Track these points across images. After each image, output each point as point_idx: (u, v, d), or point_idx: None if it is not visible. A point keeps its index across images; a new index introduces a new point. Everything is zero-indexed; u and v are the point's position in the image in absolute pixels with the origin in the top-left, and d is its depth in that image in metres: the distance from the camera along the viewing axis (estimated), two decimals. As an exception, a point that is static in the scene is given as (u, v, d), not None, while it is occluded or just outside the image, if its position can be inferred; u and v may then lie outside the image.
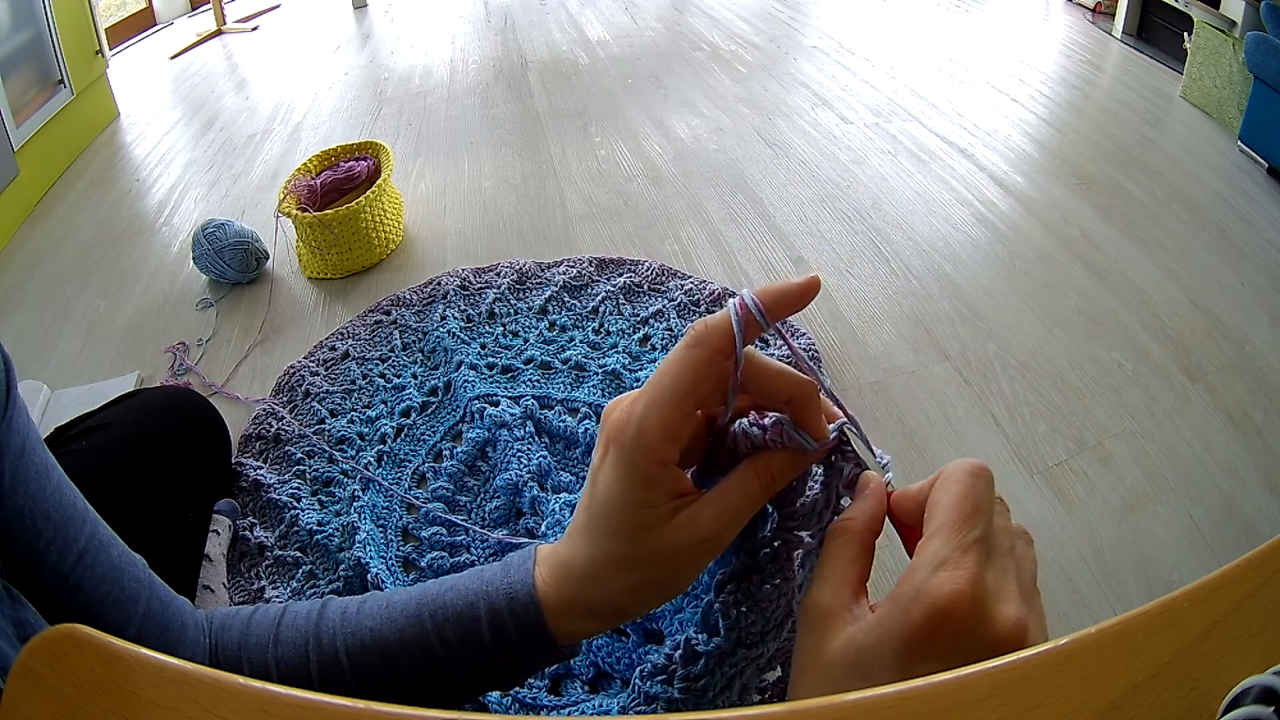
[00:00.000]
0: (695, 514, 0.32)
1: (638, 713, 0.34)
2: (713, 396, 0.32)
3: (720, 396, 0.32)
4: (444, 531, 1.03)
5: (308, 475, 1.12)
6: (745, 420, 0.33)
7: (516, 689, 0.85)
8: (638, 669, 0.35)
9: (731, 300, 0.30)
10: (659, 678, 0.33)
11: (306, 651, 0.38)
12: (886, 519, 0.31)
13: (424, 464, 1.13)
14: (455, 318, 1.39)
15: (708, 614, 0.33)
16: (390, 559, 1.00)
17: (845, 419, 0.33)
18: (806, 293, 0.31)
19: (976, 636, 0.24)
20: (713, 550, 0.33)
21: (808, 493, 0.34)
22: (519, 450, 1.10)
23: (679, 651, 0.33)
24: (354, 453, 1.15)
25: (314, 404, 1.23)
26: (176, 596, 0.44)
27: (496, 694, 0.84)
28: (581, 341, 1.32)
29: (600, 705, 0.81)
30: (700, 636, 0.33)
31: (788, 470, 0.33)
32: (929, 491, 0.29)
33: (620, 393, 0.46)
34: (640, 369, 1.24)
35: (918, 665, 0.24)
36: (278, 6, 3.58)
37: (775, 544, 0.33)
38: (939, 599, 0.24)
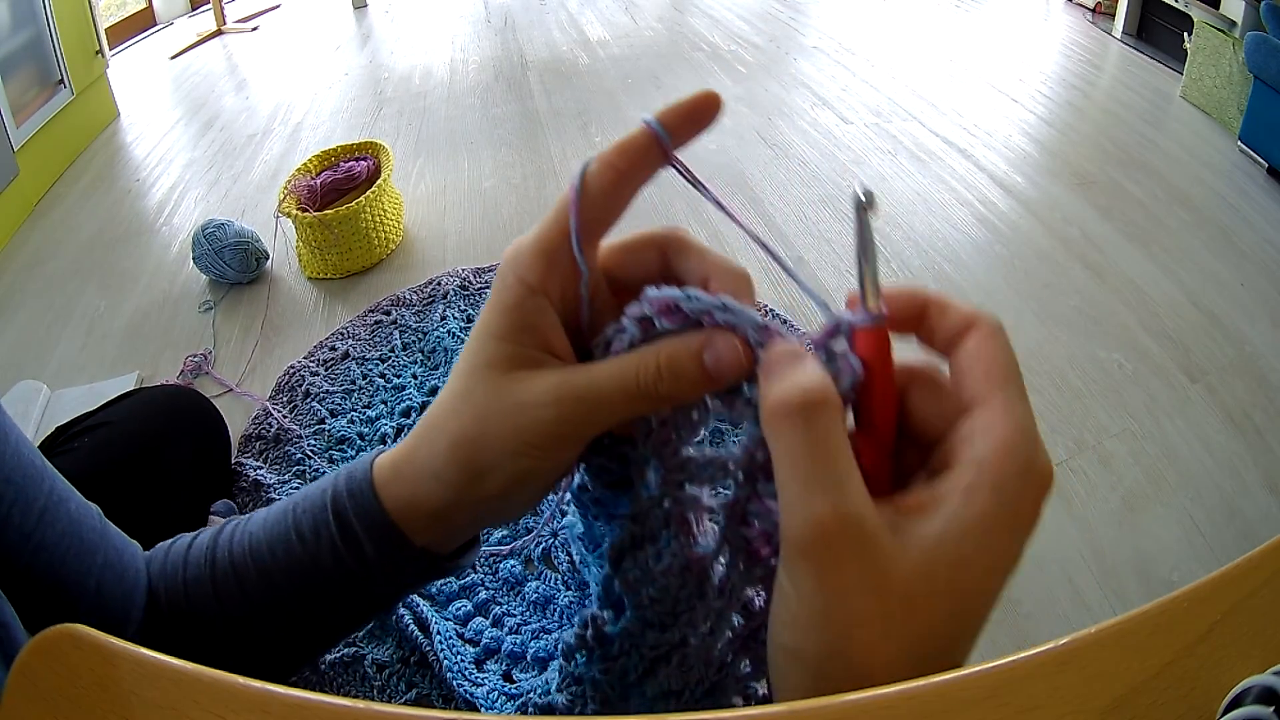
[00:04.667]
0: (540, 377, 0.26)
1: (570, 694, 0.31)
2: (609, 216, 0.27)
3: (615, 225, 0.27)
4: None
5: (308, 475, 1.12)
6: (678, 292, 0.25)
7: (505, 684, 0.85)
8: (559, 649, 0.32)
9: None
10: (579, 657, 0.30)
11: (206, 570, 0.36)
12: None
13: (424, 464, 1.13)
14: (455, 318, 1.39)
15: (608, 589, 0.28)
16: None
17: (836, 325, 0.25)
18: (703, 106, 0.27)
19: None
20: (536, 444, 0.26)
21: (702, 435, 0.26)
22: (519, 450, 1.10)
23: (589, 631, 0.29)
24: (354, 453, 1.15)
25: (314, 404, 1.23)
26: (130, 542, 0.43)
27: (492, 696, 0.84)
28: (581, 341, 1.32)
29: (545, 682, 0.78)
30: (606, 614, 0.29)
31: (684, 370, 0.24)
32: (922, 302, 0.25)
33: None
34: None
35: (1020, 547, 0.21)
36: (278, 6, 3.57)
37: (665, 504, 0.26)
38: (1048, 475, 0.21)
